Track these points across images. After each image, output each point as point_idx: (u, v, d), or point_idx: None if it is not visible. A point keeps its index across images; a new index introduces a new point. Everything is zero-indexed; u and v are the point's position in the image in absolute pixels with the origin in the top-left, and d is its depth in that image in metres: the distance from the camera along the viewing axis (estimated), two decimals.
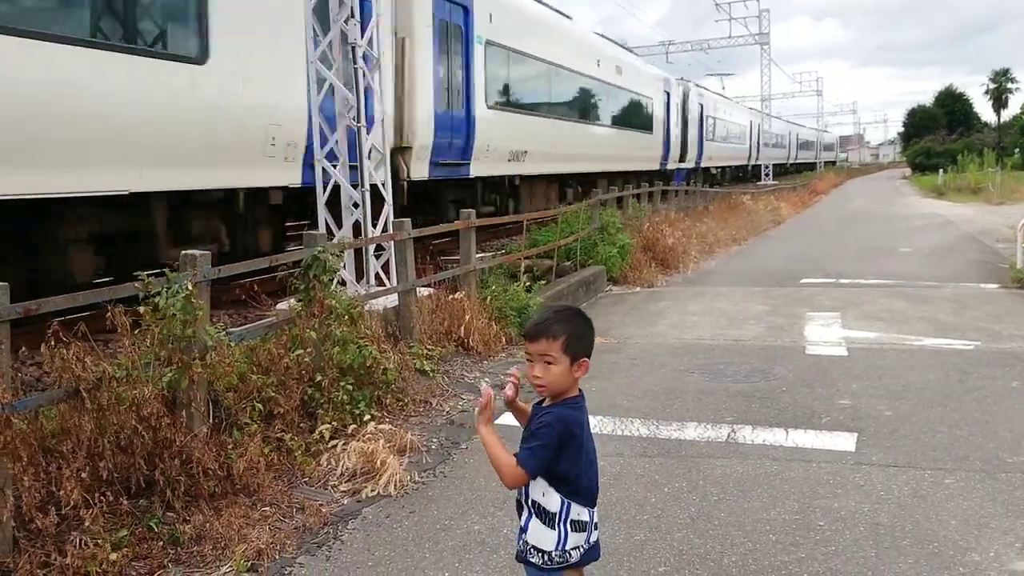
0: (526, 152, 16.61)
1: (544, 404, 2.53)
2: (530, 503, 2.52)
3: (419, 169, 12.64)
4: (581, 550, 2.52)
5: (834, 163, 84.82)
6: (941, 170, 44.35)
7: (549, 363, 2.46)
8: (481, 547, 4.08)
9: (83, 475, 3.91)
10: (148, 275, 4.53)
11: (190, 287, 4.56)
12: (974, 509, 4.30)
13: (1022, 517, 4.19)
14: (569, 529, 2.48)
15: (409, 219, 7.85)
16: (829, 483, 4.72)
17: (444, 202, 14.68)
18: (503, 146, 15.58)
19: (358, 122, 7.90)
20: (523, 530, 2.55)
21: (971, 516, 4.22)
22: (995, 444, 5.24)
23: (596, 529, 2.58)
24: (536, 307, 8.92)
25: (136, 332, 4.45)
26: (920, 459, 5.03)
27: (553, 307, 2.63)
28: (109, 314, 4.31)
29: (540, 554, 2.50)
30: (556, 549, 2.48)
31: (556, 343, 2.45)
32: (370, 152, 8.14)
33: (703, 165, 36.87)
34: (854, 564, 3.78)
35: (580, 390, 2.55)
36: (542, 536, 2.49)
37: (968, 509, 4.31)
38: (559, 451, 2.43)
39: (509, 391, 2.53)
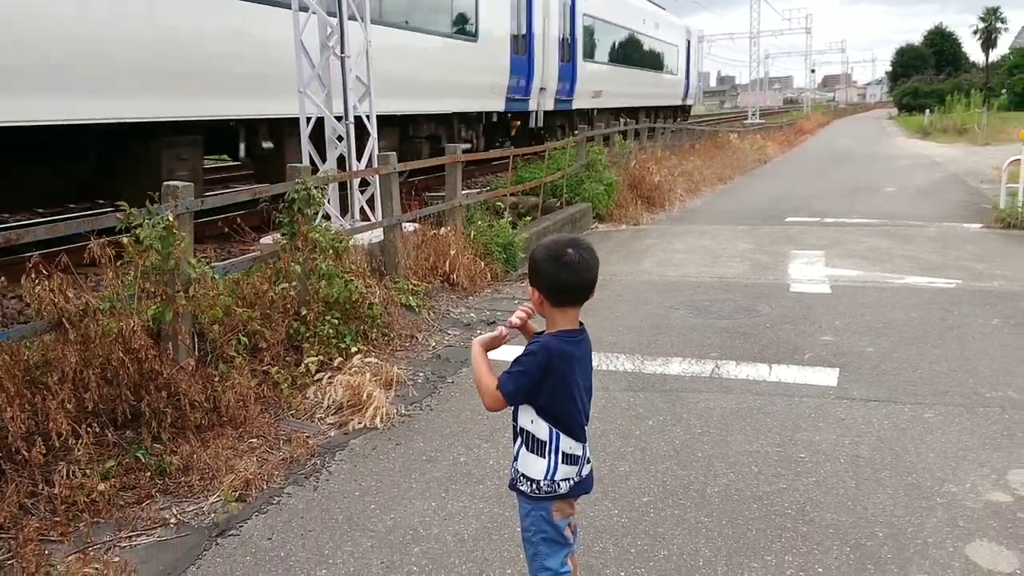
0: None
1: (542, 333, 2.51)
2: (519, 430, 2.52)
3: None
4: (571, 482, 2.51)
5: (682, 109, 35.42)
6: (928, 110, 44.19)
7: None
8: (467, 478, 4.12)
9: (68, 406, 3.90)
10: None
11: (171, 218, 4.50)
12: (952, 442, 4.38)
13: (999, 450, 4.27)
14: (560, 460, 2.48)
15: (395, 153, 7.74)
16: (811, 417, 4.78)
17: None
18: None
19: (342, 52, 7.73)
20: (515, 458, 2.56)
21: (949, 449, 4.30)
22: (975, 380, 5.31)
23: (589, 463, 2.58)
24: (521, 243, 8.91)
25: (119, 264, 4.40)
26: (901, 394, 5.10)
27: (552, 237, 2.59)
28: (91, 245, 4.25)
29: (529, 482, 2.51)
30: (545, 479, 2.49)
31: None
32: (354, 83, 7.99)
33: (577, 105, 20.45)
34: (834, 495, 3.85)
35: (581, 323, 2.50)
36: (531, 464, 2.50)
37: (947, 442, 4.38)
38: (541, 381, 2.42)
39: (515, 320, 2.54)
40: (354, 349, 5.56)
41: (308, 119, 7.98)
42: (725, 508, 3.75)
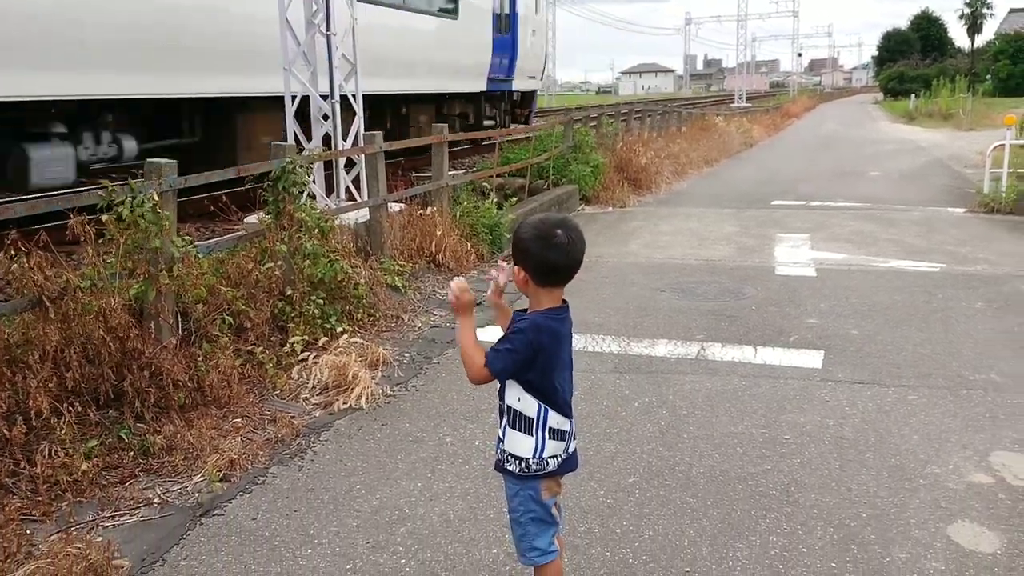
0: None
1: (526, 311, 2.50)
2: (506, 409, 2.51)
3: None
4: (559, 459, 2.51)
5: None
6: (913, 95, 44.31)
7: None
8: (452, 459, 4.11)
9: (49, 385, 3.86)
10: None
11: (156, 196, 4.44)
12: (935, 424, 4.41)
13: (981, 432, 4.30)
14: (547, 436, 2.47)
15: (381, 132, 7.68)
16: (796, 399, 4.80)
17: None
18: None
19: (327, 30, 7.65)
20: (501, 438, 2.54)
21: (932, 431, 4.33)
22: (958, 362, 5.35)
23: (575, 439, 2.58)
24: (507, 224, 8.88)
25: (100, 242, 4.34)
26: (885, 376, 5.13)
27: (537, 215, 2.57)
28: (72, 223, 4.18)
29: (517, 461, 2.50)
30: (533, 457, 2.48)
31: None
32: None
33: None
34: (818, 476, 3.87)
35: (565, 301, 2.49)
36: (519, 443, 2.49)
37: (930, 424, 4.41)
38: (531, 359, 2.41)
39: (501, 280, 2.51)
40: (339, 329, 5.53)
41: (293, 97, 7.90)
42: (710, 489, 3.76)
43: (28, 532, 3.33)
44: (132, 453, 4.01)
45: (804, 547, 3.28)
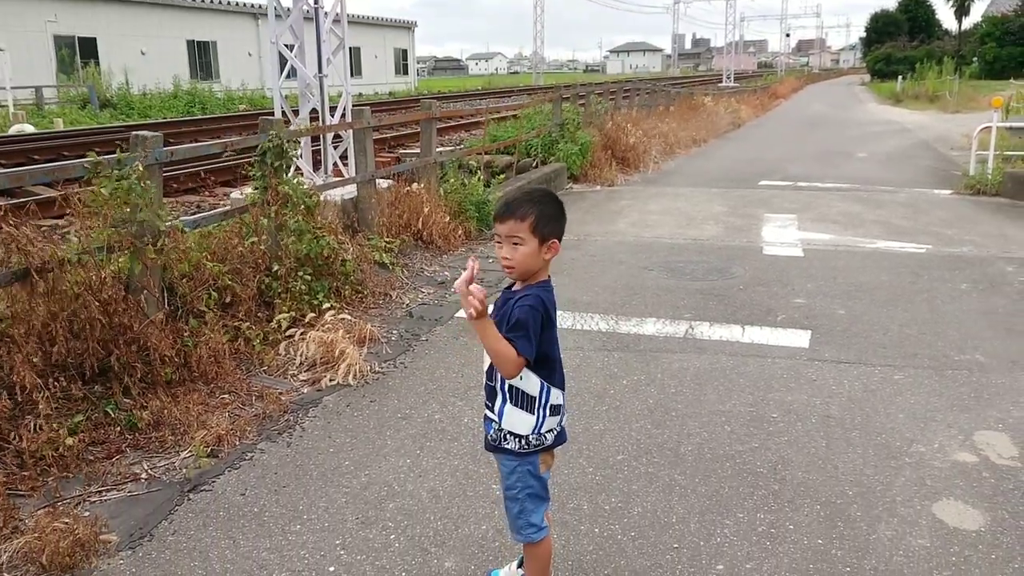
0: None
1: (516, 288, 2.47)
2: (507, 387, 2.48)
3: None
4: (555, 433, 2.53)
5: None
6: (900, 77, 44.36)
7: (517, 244, 2.39)
8: (441, 435, 4.11)
9: (35, 360, 3.82)
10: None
11: (140, 168, 4.38)
12: (921, 403, 4.44)
13: (966, 411, 4.33)
14: (547, 413, 2.49)
15: (368, 107, 7.62)
16: (783, 377, 4.82)
17: None
18: None
19: (316, 3, 7.55)
20: (496, 417, 2.52)
21: (918, 410, 4.36)
22: (943, 343, 5.38)
23: (566, 413, 2.59)
24: (494, 202, 8.84)
25: (86, 214, 4.29)
26: (871, 356, 5.16)
27: (525, 188, 2.55)
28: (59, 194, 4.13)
29: (516, 439, 2.49)
30: (533, 433, 2.48)
31: (524, 224, 2.38)
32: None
33: None
34: (805, 454, 3.89)
35: (548, 274, 2.50)
36: (519, 420, 2.48)
37: (915, 403, 4.44)
38: (542, 333, 2.40)
39: (466, 276, 2.41)
40: (327, 305, 5.50)
41: (282, 70, 7.82)
42: (698, 466, 3.78)
43: (15, 507, 3.31)
44: (119, 428, 3.98)
45: (791, 524, 3.30)
